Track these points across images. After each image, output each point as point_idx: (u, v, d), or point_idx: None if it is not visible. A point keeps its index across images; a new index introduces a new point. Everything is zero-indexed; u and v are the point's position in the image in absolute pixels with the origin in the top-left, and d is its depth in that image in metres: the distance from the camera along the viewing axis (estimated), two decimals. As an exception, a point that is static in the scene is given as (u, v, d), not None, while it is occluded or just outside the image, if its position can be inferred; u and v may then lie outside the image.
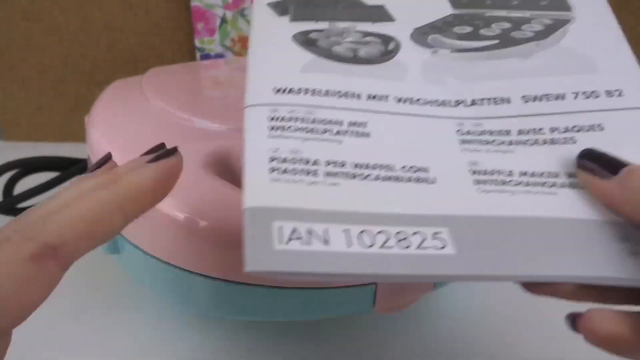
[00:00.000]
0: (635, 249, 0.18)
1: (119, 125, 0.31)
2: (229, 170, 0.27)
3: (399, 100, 0.22)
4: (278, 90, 0.22)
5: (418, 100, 0.22)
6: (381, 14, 0.25)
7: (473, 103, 0.22)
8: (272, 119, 0.21)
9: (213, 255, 0.24)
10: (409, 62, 0.23)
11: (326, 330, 0.31)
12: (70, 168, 0.41)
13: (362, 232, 0.18)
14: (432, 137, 0.21)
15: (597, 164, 0.19)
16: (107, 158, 0.19)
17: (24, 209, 0.41)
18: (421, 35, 0.24)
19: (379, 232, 0.18)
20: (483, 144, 0.21)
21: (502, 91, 0.22)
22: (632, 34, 0.50)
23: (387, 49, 0.23)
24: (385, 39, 0.24)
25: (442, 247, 0.18)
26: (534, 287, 0.19)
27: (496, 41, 0.24)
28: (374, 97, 0.22)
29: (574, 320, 0.19)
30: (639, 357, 0.18)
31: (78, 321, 0.28)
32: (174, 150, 0.19)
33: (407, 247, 0.18)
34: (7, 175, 0.41)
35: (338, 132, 0.21)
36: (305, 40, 0.24)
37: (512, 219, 0.19)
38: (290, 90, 0.22)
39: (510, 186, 0.20)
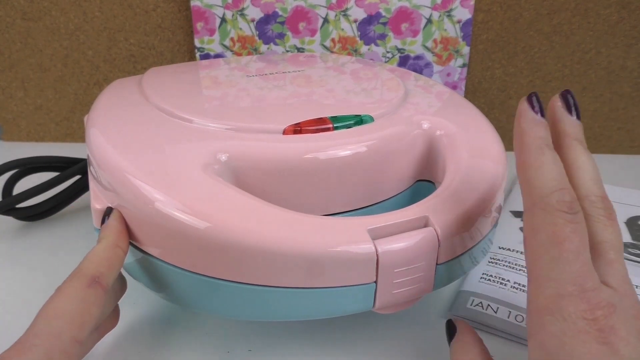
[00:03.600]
0: None
1: (119, 125, 0.31)
2: (229, 170, 0.27)
3: None
4: None
5: None
6: None
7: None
8: None
9: (213, 255, 0.24)
10: None
11: (326, 330, 0.31)
12: (69, 168, 0.41)
13: None
14: None
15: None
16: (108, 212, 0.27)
17: (23, 209, 0.41)
18: None
19: None
20: None
21: None
22: (632, 33, 0.50)
23: None
24: None
25: None
26: None
27: None
28: None
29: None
30: None
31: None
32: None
33: None
34: (7, 175, 0.41)
35: None
36: None
37: None
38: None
39: None
